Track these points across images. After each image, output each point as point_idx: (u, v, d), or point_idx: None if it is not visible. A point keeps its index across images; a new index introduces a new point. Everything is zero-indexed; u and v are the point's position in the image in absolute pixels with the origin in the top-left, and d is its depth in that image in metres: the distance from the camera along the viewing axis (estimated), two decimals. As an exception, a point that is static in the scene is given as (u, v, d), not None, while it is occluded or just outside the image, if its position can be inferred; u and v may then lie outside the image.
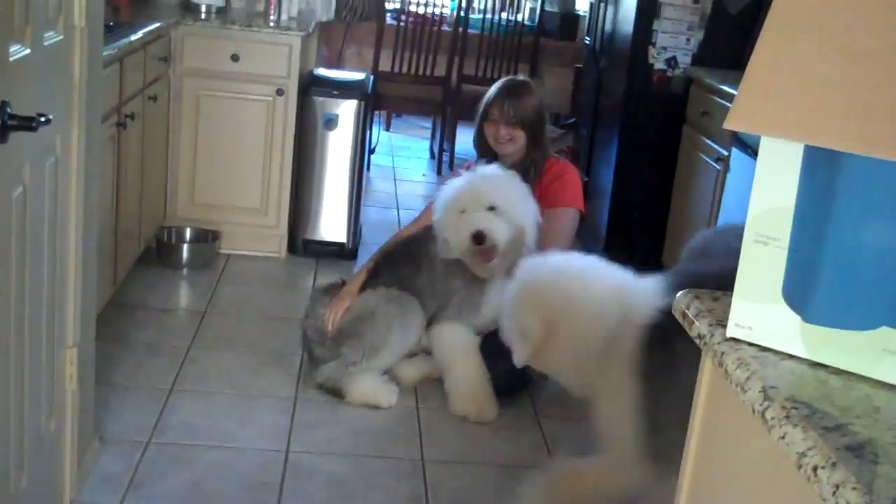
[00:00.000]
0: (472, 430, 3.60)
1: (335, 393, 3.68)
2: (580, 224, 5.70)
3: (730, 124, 1.21)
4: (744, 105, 1.22)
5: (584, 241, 5.79)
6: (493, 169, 3.78)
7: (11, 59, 2.11)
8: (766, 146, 1.30)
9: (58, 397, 2.73)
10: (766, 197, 1.32)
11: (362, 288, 3.82)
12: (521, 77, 4.25)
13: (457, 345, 3.77)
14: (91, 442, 3.08)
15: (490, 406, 3.69)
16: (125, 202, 4.11)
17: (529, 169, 3.99)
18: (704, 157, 4.73)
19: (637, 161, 5.30)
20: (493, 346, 3.78)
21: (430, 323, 3.83)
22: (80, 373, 2.86)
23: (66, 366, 2.78)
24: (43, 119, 2.19)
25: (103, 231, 3.66)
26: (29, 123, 2.13)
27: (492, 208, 3.62)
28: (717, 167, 4.55)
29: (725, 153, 4.45)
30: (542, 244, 3.81)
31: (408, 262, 3.86)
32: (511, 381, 3.73)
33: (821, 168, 1.26)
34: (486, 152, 4.11)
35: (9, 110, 2.07)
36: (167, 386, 3.66)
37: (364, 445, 3.41)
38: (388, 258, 3.90)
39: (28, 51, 2.22)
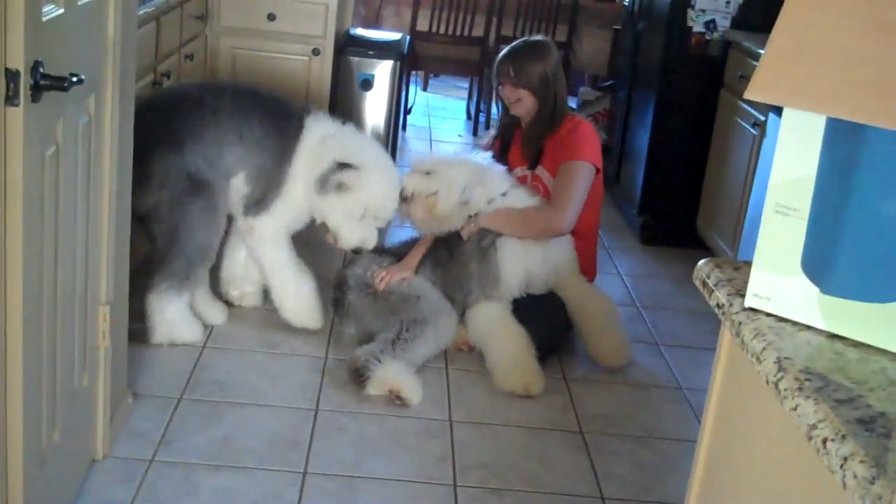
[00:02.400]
0: (501, 392, 3.61)
1: (358, 376, 3.51)
2: (615, 186, 5.72)
3: (751, 94, 1.21)
4: (766, 75, 1.21)
5: (618, 203, 5.78)
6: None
7: (45, 18, 2.13)
8: (788, 117, 1.29)
9: (91, 354, 2.77)
10: (787, 167, 1.31)
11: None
12: (536, 38, 4.23)
13: (491, 322, 3.76)
14: (124, 398, 3.13)
15: (536, 379, 3.64)
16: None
17: (544, 128, 3.97)
18: (741, 122, 4.69)
19: (673, 125, 5.26)
20: (518, 313, 3.81)
21: (461, 313, 3.85)
22: (114, 330, 2.90)
23: (99, 323, 2.82)
24: (75, 79, 2.21)
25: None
26: (61, 83, 2.15)
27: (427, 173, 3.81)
28: (754, 132, 4.52)
29: (762, 118, 4.41)
30: (553, 200, 3.82)
31: (442, 247, 3.90)
32: (540, 346, 3.73)
33: (843, 140, 1.26)
34: (506, 120, 4.16)
35: (41, 70, 2.09)
36: (200, 343, 3.71)
37: (393, 406, 3.44)
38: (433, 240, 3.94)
39: (62, 10, 2.23)
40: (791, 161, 1.30)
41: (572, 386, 3.72)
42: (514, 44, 4.10)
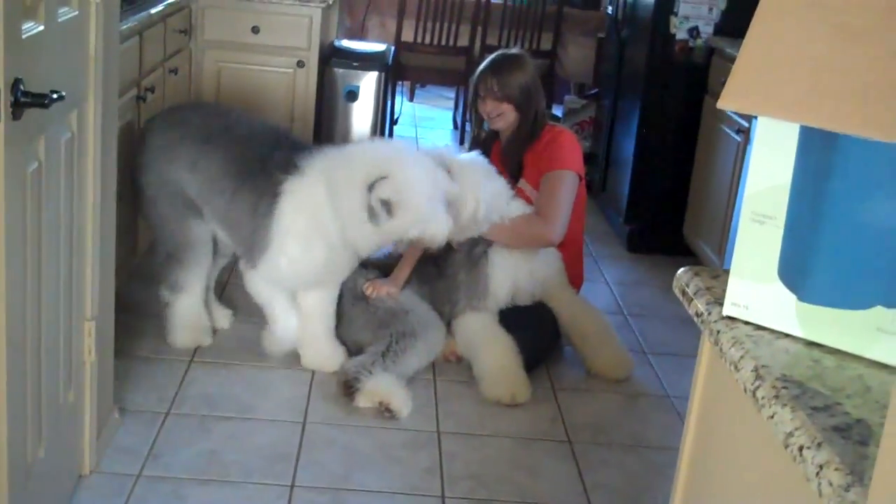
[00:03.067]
0: (488, 402, 3.61)
1: (347, 389, 3.50)
2: (601, 194, 5.73)
3: (724, 104, 1.22)
4: (738, 84, 1.22)
5: (604, 211, 5.79)
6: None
7: (24, 36, 2.13)
8: (762, 125, 1.30)
9: (76, 369, 2.77)
10: (762, 176, 1.32)
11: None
12: (513, 51, 4.22)
13: (478, 331, 3.76)
14: (110, 413, 3.12)
15: (522, 388, 3.64)
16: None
17: (525, 141, 3.97)
18: (726, 129, 4.70)
19: (658, 132, 5.28)
20: (505, 323, 3.81)
21: (448, 324, 3.85)
22: (100, 345, 2.90)
23: (84, 338, 2.81)
24: (56, 96, 2.21)
25: (123, 203, 3.69)
26: (42, 101, 2.15)
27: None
28: (738, 139, 4.53)
29: (746, 125, 4.43)
30: (537, 208, 3.82)
31: (430, 263, 3.88)
32: (527, 355, 3.74)
33: (817, 148, 1.26)
34: (483, 134, 4.16)
35: (22, 87, 2.09)
36: (187, 357, 3.70)
37: (380, 417, 3.44)
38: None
39: (42, 27, 2.24)
40: (766, 169, 1.31)
41: (560, 395, 3.72)
42: (492, 58, 4.07)
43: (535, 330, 3.86)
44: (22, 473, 2.34)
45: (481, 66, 4.05)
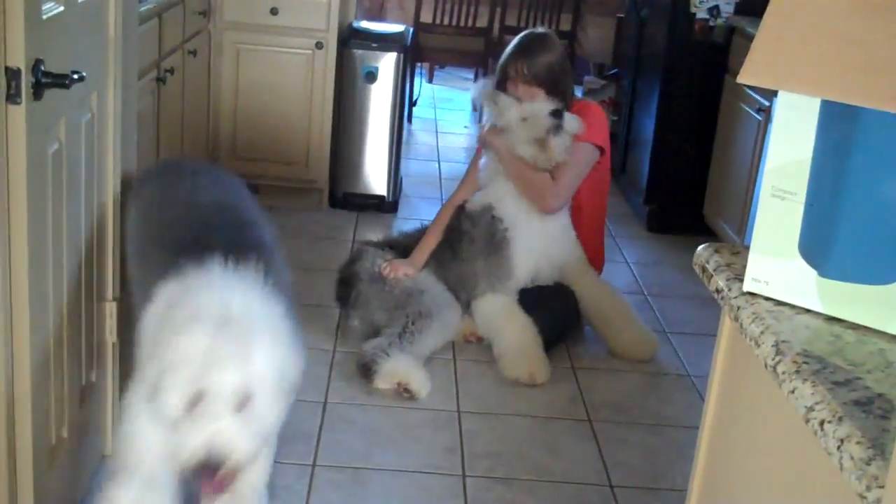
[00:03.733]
0: (508, 381, 3.62)
1: (366, 371, 3.52)
2: (621, 174, 5.72)
3: (744, 78, 1.21)
4: (759, 59, 1.21)
5: (624, 191, 5.78)
6: None
7: (45, 16, 2.14)
8: (783, 100, 1.30)
9: (99, 350, 2.79)
10: (783, 151, 1.32)
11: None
12: (539, 30, 4.15)
13: (498, 312, 3.77)
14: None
15: (542, 368, 3.64)
16: (166, 156, 4.15)
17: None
18: (746, 108, 4.68)
19: (678, 112, 5.25)
20: (525, 303, 3.81)
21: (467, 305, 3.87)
22: (122, 326, 2.91)
23: (106, 319, 2.83)
24: (77, 76, 2.21)
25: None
26: (63, 81, 2.16)
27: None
28: (759, 118, 4.51)
29: (767, 104, 4.40)
30: (555, 175, 3.83)
31: (446, 247, 3.89)
32: (546, 335, 3.74)
33: (838, 122, 1.26)
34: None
35: (42, 68, 2.09)
36: (208, 338, 3.71)
37: (400, 398, 3.45)
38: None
39: (62, 8, 2.24)
40: (787, 144, 1.30)
41: (580, 374, 3.73)
42: (519, 40, 3.99)
43: (555, 310, 3.86)
44: (46, 454, 2.36)
45: (509, 48, 3.99)
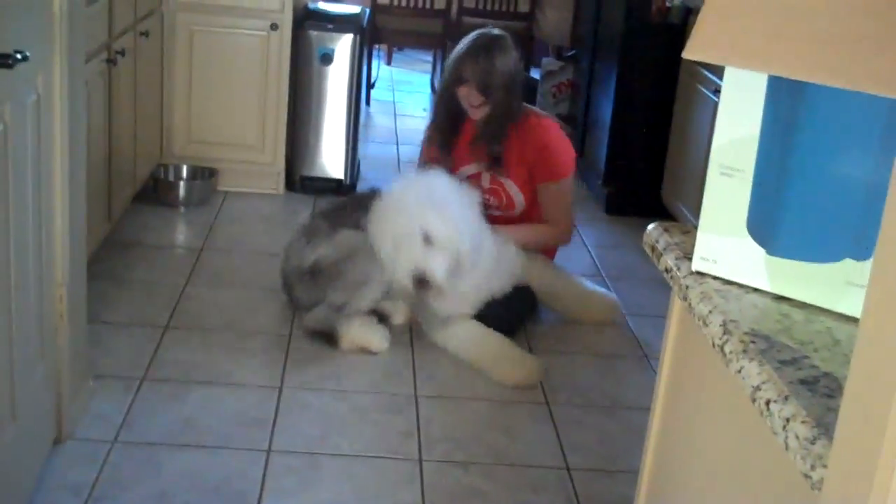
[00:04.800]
0: (465, 366, 3.60)
1: (328, 339, 3.61)
2: (579, 158, 5.71)
3: (689, 53, 1.19)
4: (704, 33, 1.20)
5: (583, 174, 5.77)
6: (431, 183, 3.67)
7: (-15, -5, 2.09)
8: (729, 75, 1.28)
9: (48, 336, 2.74)
10: (730, 128, 1.30)
11: (337, 226, 3.76)
12: (494, 31, 3.94)
13: (469, 335, 3.66)
14: (85, 380, 3.09)
15: (535, 364, 3.57)
16: (118, 140, 4.09)
17: (504, 128, 3.85)
18: (702, 89, 4.68)
19: (636, 94, 5.25)
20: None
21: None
22: (72, 311, 2.87)
23: (56, 304, 2.79)
24: (20, 56, 2.17)
25: (96, 169, 3.66)
26: (6, 61, 2.12)
27: (427, 239, 3.50)
28: (715, 99, 4.51)
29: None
30: (550, 219, 3.89)
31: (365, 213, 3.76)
32: (503, 322, 3.73)
33: (784, 98, 1.25)
34: (451, 115, 3.95)
35: (-19, 48, 2.05)
36: (163, 323, 3.67)
37: (358, 381, 3.43)
38: (360, 202, 3.84)
39: (3, -13, 2.19)
40: (734, 122, 1.29)
41: (539, 357, 3.71)
42: (474, 41, 3.83)
43: (510, 299, 3.83)
44: (-8, 440, 2.31)
45: (463, 47, 3.84)
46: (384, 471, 2.97)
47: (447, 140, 4.00)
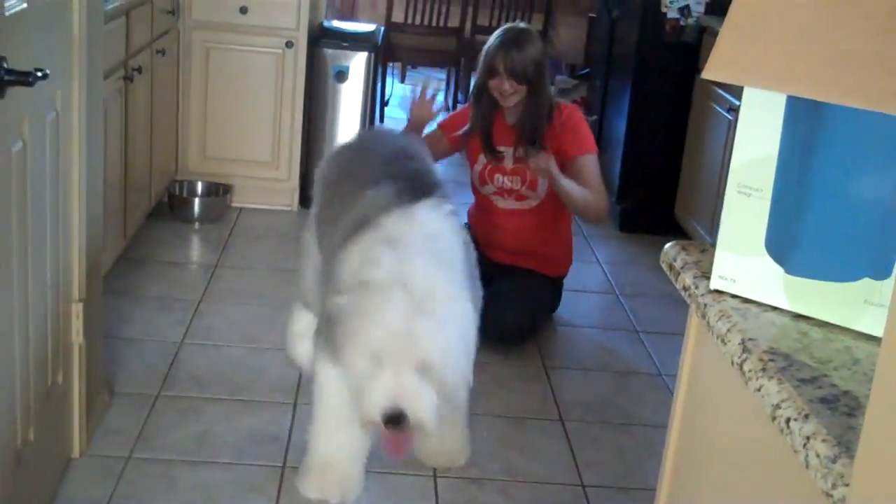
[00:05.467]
0: (479, 381, 3.59)
1: None
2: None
3: (709, 74, 1.20)
4: (723, 53, 1.20)
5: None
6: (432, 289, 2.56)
7: (7, 13, 2.11)
8: (748, 95, 1.29)
9: (65, 351, 2.76)
10: (749, 147, 1.31)
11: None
12: (521, 24, 4.12)
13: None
14: (100, 395, 3.11)
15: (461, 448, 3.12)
16: (134, 156, 4.12)
17: (538, 118, 3.93)
18: (717, 108, 4.69)
19: (650, 111, 5.26)
20: (498, 296, 3.81)
21: None
22: (88, 327, 2.88)
23: (72, 320, 2.80)
24: (40, 74, 2.18)
25: (112, 185, 3.68)
26: (26, 78, 2.13)
27: (422, 367, 2.49)
28: (730, 117, 4.52)
29: (738, 103, 4.41)
30: (593, 189, 3.89)
31: None
32: (518, 331, 3.75)
33: (803, 118, 1.25)
34: (485, 106, 4.03)
35: (5, 65, 2.07)
36: (177, 339, 3.69)
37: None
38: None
39: (25, 5, 2.21)
40: (753, 141, 1.30)
41: (552, 374, 3.72)
42: (505, 34, 3.95)
43: (525, 300, 3.86)
44: (11, 457, 2.32)
45: (494, 42, 3.94)
46: (398, 488, 2.97)
47: (487, 133, 4.04)
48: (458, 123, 4.17)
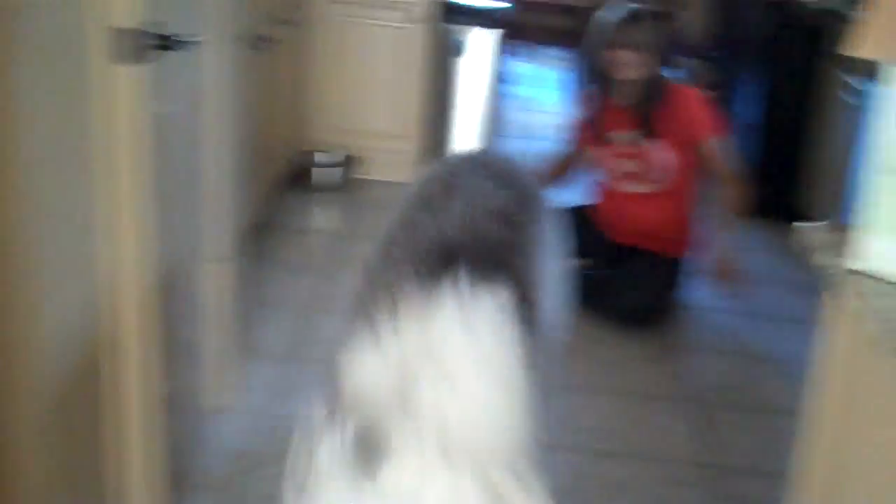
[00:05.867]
0: (604, 360, 3.61)
1: None
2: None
3: (857, 51, 1.20)
4: (873, 31, 1.20)
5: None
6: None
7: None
8: (891, 76, 1.28)
9: (206, 310, 2.86)
10: (889, 128, 1.31)
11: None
12: (637, 4, 4.09)
13: None
14: (234, 355, 3.20)
15: None
16: (263, 125, 4.21)
17: (650, 96, 3.91)
18: (842, 92, 4.59)
19: (775, 96, 5.17)
20: (622, 277, 3.83)
21: None
22: (223, 288, 2.98)
23: (215, 278, 2.91)
24: (183, 40, 2.26)
25: (242, 153, 3.77)
26: (169, 43, 2.21)
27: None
28: (856, 102, 4.42)
29: (864, 88, 4.32)
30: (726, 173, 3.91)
31: None
32: (642, 311, 3.76)
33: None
34: (600, 79, 4.02)
35: (150, 30, 2.14)
36: (308, 304, 3.78)
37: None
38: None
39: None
40: (893, 121, 1.29)
41: (676, 355, 3.72)
42: (629, 9, 3.96)
43: (649, 285, 3.90)
44: (149, 408, 2.41)
45: (617, 16, 3.94)
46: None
47: (599, 108, 4.04)
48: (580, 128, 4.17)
